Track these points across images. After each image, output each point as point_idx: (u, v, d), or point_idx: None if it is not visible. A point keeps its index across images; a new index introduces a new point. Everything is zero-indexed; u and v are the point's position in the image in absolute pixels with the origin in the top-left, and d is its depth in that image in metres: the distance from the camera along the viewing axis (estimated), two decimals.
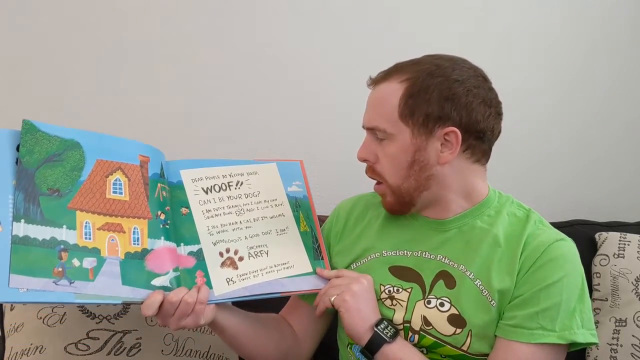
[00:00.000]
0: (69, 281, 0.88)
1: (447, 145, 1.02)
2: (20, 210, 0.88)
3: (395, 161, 1.04)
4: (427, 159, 1.03)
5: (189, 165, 1.10)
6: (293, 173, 1.19)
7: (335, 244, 1.19)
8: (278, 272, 1.08)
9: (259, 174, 1.16)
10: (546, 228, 1.07)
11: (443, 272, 1.06)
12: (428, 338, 1.04)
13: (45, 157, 0.93)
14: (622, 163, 1.88)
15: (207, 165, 1.12)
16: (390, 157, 1.05)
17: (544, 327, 0.98)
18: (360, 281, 1.05)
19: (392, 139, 1.04)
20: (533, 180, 1.81)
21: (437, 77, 1.02)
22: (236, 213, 1.10)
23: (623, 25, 1.84)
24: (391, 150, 1.04)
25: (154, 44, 1.61)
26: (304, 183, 1.19)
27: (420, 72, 1.02)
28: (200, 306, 0.96)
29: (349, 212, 1.21)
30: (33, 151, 0.92)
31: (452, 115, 1.01)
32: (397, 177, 1.05)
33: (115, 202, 0.98)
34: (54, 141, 0.94)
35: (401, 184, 1.05)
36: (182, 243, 1.03)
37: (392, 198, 1.08)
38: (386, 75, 1.06)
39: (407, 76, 1.03)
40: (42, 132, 0.94)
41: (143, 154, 1.03)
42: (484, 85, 1.05)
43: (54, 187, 0.93)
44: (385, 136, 1.04)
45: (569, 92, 1.83)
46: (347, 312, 1.01)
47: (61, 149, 0.95)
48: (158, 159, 1.05)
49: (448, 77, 1.02)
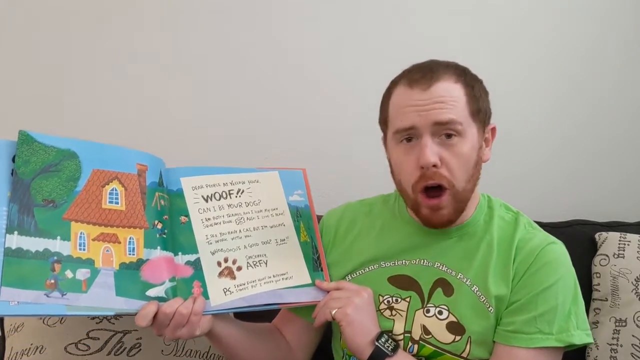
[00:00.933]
0: (61, 293, 0.89)
1: (488, 142, 1.06)
2: (14, 222, 0.89)
3: (466, 160, 1.00)
4: (482, 157, 1.04)
5: (189, 173, 1.09)
6: (295, 182, 1.17)
7: (326, 253, 1.17)
8: (277, 283, 1.07)
9: (260, 182, 1.14)
10: (536, 231, 1.07)
11: (441, 280, 1.06)
12: (428, 347, 1.03)
13: (41, 167, 0.93)
14: (622, 163, 1.85)
15: (208, 173, 1.11)
16: (461, 157, 1.00)
17: (542, 331, 0.99)
18: (362, 294, 1.04)
19: (465, 136, 0.99)
20: (533, 180, 1.79)
21: (475, 78, 1.04)
22: (236, 222, 1.09)
23: (623, 25, 1.80)
24: (463, 148, 0.99)
25: (154, 51, 1.63)
26: (305, 192, 1.17)
27: (461, 72, 1.03)
28: (195, 317, 0.96)
29: (338, 221, 1.19)
30: (29, 162, 0.92)
31: (490, 112, 1.06)
32: (464, 179, 1.01)
33: (111, 212, 0.97)
34: (50, 151, 0.95)
35: (465, 186, 1.01)
36: (179, 252, 1.02)
37: (452, 208, 1.02)
38: (435, 74, 1.00)
39: (455, 76, 1.01)
40: (38, 142, 0.94)
41: (141, 162, 1.03)
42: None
43: (49, 198, 0.93)
44: (459, 132, 0.99)
45: (568, 92, 1.80)
46: (348, 326, 1.00)
47: (57, 159, 0.95)
48: (157, 167, 1.05)
49: (477, 78, 1.05)
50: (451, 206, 1.02)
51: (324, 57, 1.68)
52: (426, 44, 1.67)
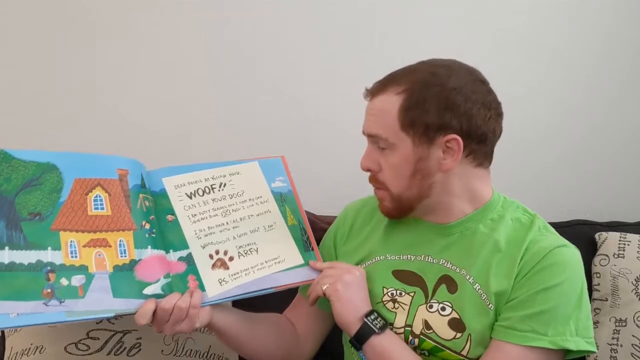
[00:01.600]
0: (59, 301, 0.90)
1: (449, 152, 1.01)
2: (3, 238, 0.90)
3: (398, 171, 1.04)
4: (429, 168, 1.03)
5: (170, 173, 1.11)
6: (275, 169, 1.19)
7: (341, 245, 1.20)
8: (270, 268, 1.09)
9: (241, 173, 1.16)
10: (549, 234, 1.06)
11: (445, 277, 1.06)
12: (428, 342, 1.04)
13: (23, 183, 0.95)
14: (623, 163, 1.87)
15: (189, 171, 1.13)
16: (392, 167, 1.04)
17: (536, 331, 0.98)
18: (353, 272, 1.06)
19: (394, 149, 1.03)
20: (533, 180, 1.82)
21: (434, 86, 1.00)
22: (222, 214, 1.11)
23: (631, 30, 1.83)
24: (393, 160, 1.04)
25: (140, 53, 1.64)
26: (287, 178, 1.19)
27: (416, 82, 1.01)
28: (194, 310, 0.98)
29: (356, 214, 1.22)
30: (10, 179, 0.94)
31: (452, 123, 1.00)
32: (399, 187, 1.05)
33: (98, 218, 0.99)
34: (30, 167, 0.96)
35: (403, 193, 1.05)
36: (171, 249, 1.04)
37: (391, 204, 1.08)
38: (382, 86, 1.05)
39: (403, 87, 1.01)
40: (17, 159, 0.96)
41: (121, 167, 1.04)
42: (481, 88, 1.04)
43: (35, 211, 0.94)
44: (387, 145, 1.03)
45: (569, 95, 1.83)
46: (338, 301, 1.02)
47: (38, 173, 0.96)
48: (137, 171, 1.07)
49: (445, 85, 1.00)
50: (390, 203, 1.08)
51: (325, 59, 1.71)
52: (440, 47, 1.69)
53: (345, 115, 1.67)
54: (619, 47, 1.83)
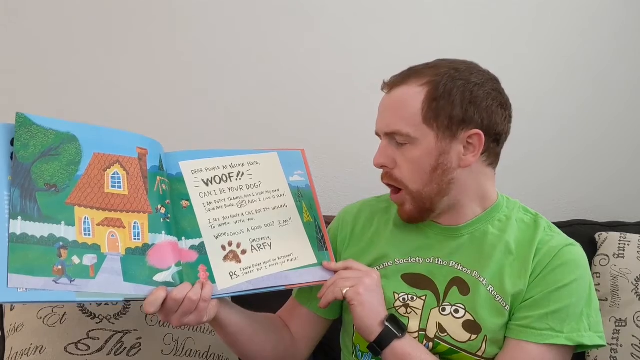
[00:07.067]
0: (69, 279, 0.85)
1: (469, 148, 1.02)
2: (17, 207, 0.85)
3: (418, 166, 1.02)
4: (450, 163, 1.02)
5: (188, 157, 1.07)
6: (295, 162, 1.16)
7: (343, 250, 1.17)
8: (282, 265, 1.06)
9: (259, 163, 1.13)
10: (555, 234, 1.07)
11: (456, 279, 1.06)
12: (443, 345, 1.03)
13: (41, 151, 0.90)
14: (622, 163, 1.89)
15: (207, 156, 1.09)
16: (412, 162, 1.03)
17: (553, 329, 0.99)
18: (372, 275, 1.04)
19: (415, 143, 1.02)
20: (533, 180, 1.82)
21: (459, 80, 1.01)
22: (238, 205, 1.07)
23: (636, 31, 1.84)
24: (414, 154, 1.02)
25: (153, 37, 1.59)
26: (305, 172, 1.16)
27: (441, 75, 1.01)
28: (204, 304, 0.94)
29: (355, 217, 1.19)
30: (28, 145, 0.89)
31: (474, 118, 1.01)
32: (418, 183, 1.03)
33: (114, 196, 0.95)
34: (49, 135, 0.91)
35: (422, 189, 1.03)
36: (183, 237, 1.00)
37: (413, 205, 1.06)
38: (403, 78, 1.04)
39: (427, 79, 1.01)
40: (37, 125, 0.90)
41: (141, 146, 1.00)
42: (499, 88, 1.05)
43: (51, 183, 0.89)
44: (408, 140, 1.02)
45: (570, 96, 1.84)
46: (360, 306, 1.00)
47: (57, 143, 0.91)
48: (156, 151, 1.02)
49: (468, 80, 1.01)
50: (411, 204, 1.06)
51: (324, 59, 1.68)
52: (435, 44, 1.70)
53: (345, 115, 1.67)
54: (620, 47, 1.85)
